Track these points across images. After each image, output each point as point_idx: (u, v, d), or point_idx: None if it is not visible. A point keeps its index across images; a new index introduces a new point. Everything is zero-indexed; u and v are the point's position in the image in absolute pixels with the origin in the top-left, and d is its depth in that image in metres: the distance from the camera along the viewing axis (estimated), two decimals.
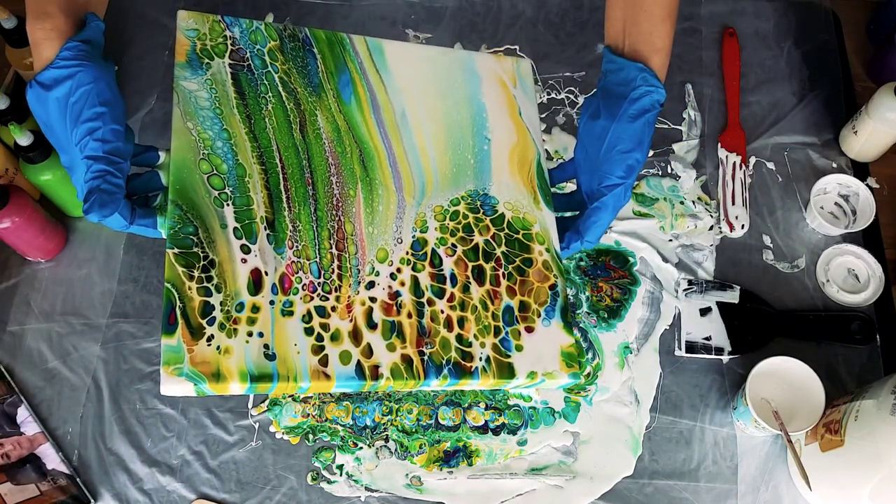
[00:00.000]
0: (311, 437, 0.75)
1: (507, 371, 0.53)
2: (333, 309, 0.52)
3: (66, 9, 0.50)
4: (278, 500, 0.73)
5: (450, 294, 0.55)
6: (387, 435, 0.75)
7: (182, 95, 0.57)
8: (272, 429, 0.75)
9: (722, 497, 0.73)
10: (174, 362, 0.48)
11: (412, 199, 0.59)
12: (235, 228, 0.53)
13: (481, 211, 0.60)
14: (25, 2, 0.50)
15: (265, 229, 0.54)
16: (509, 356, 0.54)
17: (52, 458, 0.73)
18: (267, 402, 0.76)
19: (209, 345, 0.49)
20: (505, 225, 0.60)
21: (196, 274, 0.51)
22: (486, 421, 0.76)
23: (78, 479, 0.73)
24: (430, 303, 0.55)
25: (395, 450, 0.75)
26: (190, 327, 0.49)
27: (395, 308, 0.54)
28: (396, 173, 0.60)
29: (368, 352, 0.52)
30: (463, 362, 0.53)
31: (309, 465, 0.74)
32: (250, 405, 0.76)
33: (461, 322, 0.54)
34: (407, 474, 0.74)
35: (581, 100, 0.94)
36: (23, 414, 0.75)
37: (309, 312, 0.52)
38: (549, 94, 0.94)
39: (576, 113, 0.93)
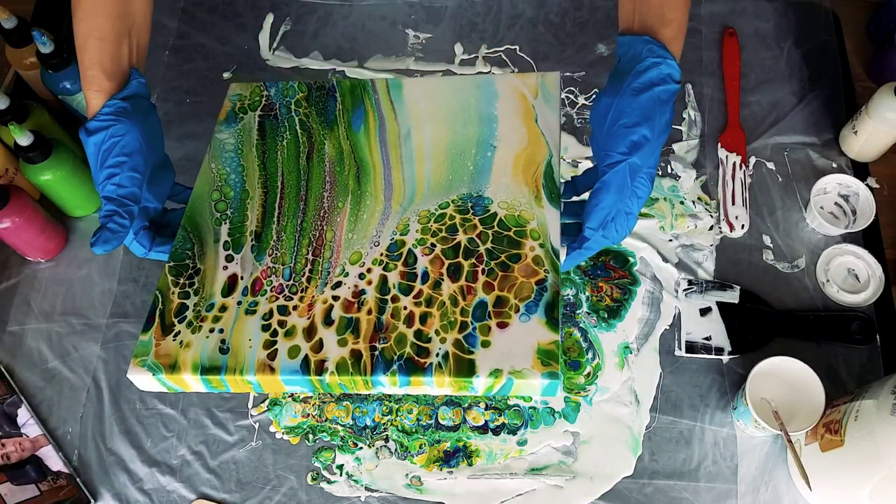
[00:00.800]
0: (311, 437, 0.75)
1: (466, 368, 0.51)
2: (295, 308, 0.55)
3: (109, 70, 0.58)
4: (278, 500, 0.73)
5: (417, 291, 0.55)
6: (387, 435, 0.75)
7: (214, 145, 0.66)
8: (272, 429, 0.75)
9: (722, 497, 0.73)
10: (142, 354, 0.53)
11: (399, 205, 0.60)
12: (226, 242, 0.59)
13: (471, 212, 0.60)
14: (79, 64, 0.59)
15: (252, 241, 0.59)
16: (472, 352, 0.51)
17: (52, 459, 0.73)
18: (267, 402, 0.76)
19: (174, 339, 0.54)
20: (495, 223, 0.59)
21: (182, 281, 0.57)
22: (486, 421, 0.76)
23: (78, 479, 0.73)
24: (395, 299, 0.55)
25: (395, 450, 0.75)
26: (163, 326, 0.55)
27: (356, 305, 0.55)
28: (388, 184, 0.62)
29: (318, 347, 0.53)
30: (417, 358, 0.52)
31: (309, 465, 0.74)
32: (250, 405, 0.76)
33: (424, 318, 0.54)
34: (407, 474, 0.74)
35: (581, 100, 0.94)
36: (23, 414, 0.75)
37: (271, 311, 0.55)
38: None
39: (576, 113, 0.93)
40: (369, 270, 0.56)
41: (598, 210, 0.53)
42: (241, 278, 0.57)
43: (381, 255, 0.57)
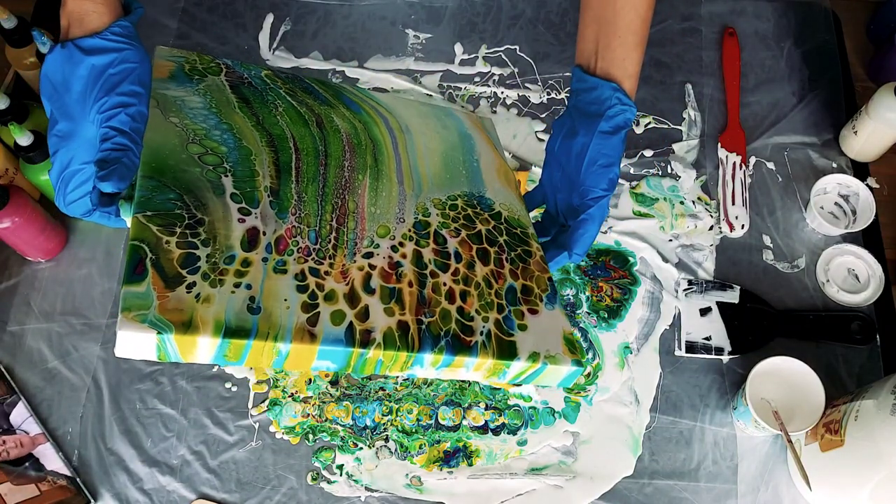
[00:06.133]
0: (311, 437, 0.75)
1: (508, 350, 0.51)
2: (327, 273, 0.50)
3: None
4: (278, 500, 0.73)
5: (454, 268, 0.54)
6: (387, 435, 0.75)
7: (163, 100, 0.57)
8: (272, 429, 0.75)
9: (722, 497, 0.73)
10: (138, 308, 0.42)
11: (412, 191, 0.60)
12: (234, 194, 0.52)
13: (479, 207, 0.62)
14: None
15: (269, 197, 0.53)
16: (512, 334, 0.52)
17: (52, 458, 0.73)
18: (267, 402, 0.76)
19: (189, 292, 0.44)
20: (503, 220, 0.61)
21: (178, 230, 0.47)
22: (486, 421, 0.76)
23: (78, 479, 0.73)
24: (434, 275, 0.53)
25: (395, 450, 0.75)
26: (164, 275, 0.44)
27: (394, 276, 0.52)
28: (399, 170, 0.62)
29: (364, 315, 0.48)
30: (462, 335, 0.50)
31: (309, 465, 0.74)
32: (250, 405, 0.76)
33: (464, 296, 0.53)
34: (407, 474, 0.74)
35: None
36: (23, 414, 0.75)
37: (303, 272, 0.49)
38: (549, 94, 0.94)
39: None
40: (401, 244, 0.54)
41: (586, 239, 0.59)
42: (264, 233, 0.50)
43: (410, 230, 0.56)
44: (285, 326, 0.45)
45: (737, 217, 0.86)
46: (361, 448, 0.75)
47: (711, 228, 0.86)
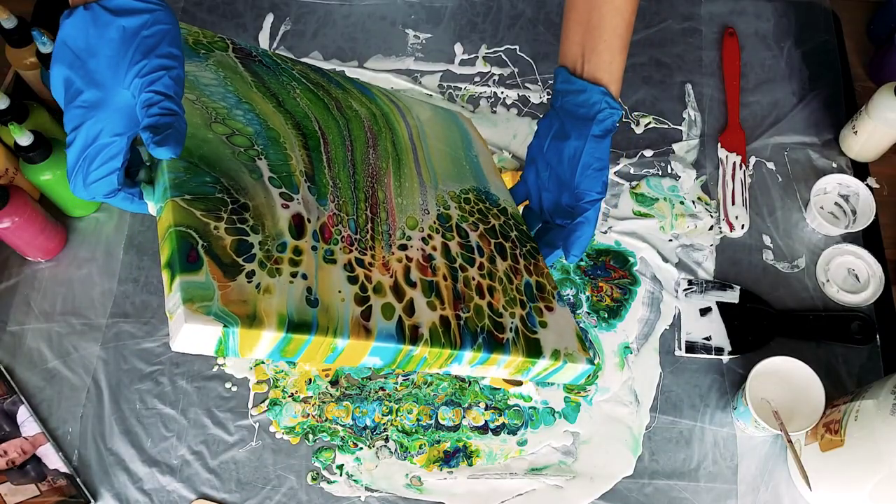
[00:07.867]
0: (311, 437, 0.75)
1: (535, 348, 0.50)
2: (371, 264, 0.48)
3: None
4: (278, 500, 0.73)
5: (479, 263, 0.54)
6: (387, 435, 0.75)
7: None
8: (272, 429, 0.75)
9: (722, 497, 0.73)
10: (201, 299, 0.39)
11: (429, 182, 0.60)
12: (272, 178, 0.49)
13: (488, 202, 0.62)
14: None
15: (306, 182, 0.51)
16: (535, 332, 0.52)
17: (52, 459, 0.73)
18: (267, 402, 0.76)
19: (249, 281, 0.41)
20: (510, 216, 0.62)
21: (225, 216, 0.44)
22: (486, 421, 0.76)
23: (78, 479, 0.73)
24: (462, 269, 0.53)
25: (395, 450, 0.75)
26: (220, 264, 0.41)
27: (429, 269, 0.51)
28: (416, 161, 0.62)
29: (410, 309, 0.47)
30: (495, 332, 0.50)
31: (309, 465, 0.74)
32: (250, 405, 0.76)
33: (491, 291, 0.53)
34: (407, 474, 0.74)
35: None
36: (23, 414, 0.75)
37: (350, 263, 0.47)
38: (549, 94, 0.94)
39: None
40: (430, 237, 0.54)
41: (583, 240, 0.60)
42: (308, 220, 0.48)
43: (435, 223, 0.56)
44: (343, 320, 0.43)
45: (737, 217, 0.86)
46: (361, 448, 0.75)
47: (711, 228, 0.86)
